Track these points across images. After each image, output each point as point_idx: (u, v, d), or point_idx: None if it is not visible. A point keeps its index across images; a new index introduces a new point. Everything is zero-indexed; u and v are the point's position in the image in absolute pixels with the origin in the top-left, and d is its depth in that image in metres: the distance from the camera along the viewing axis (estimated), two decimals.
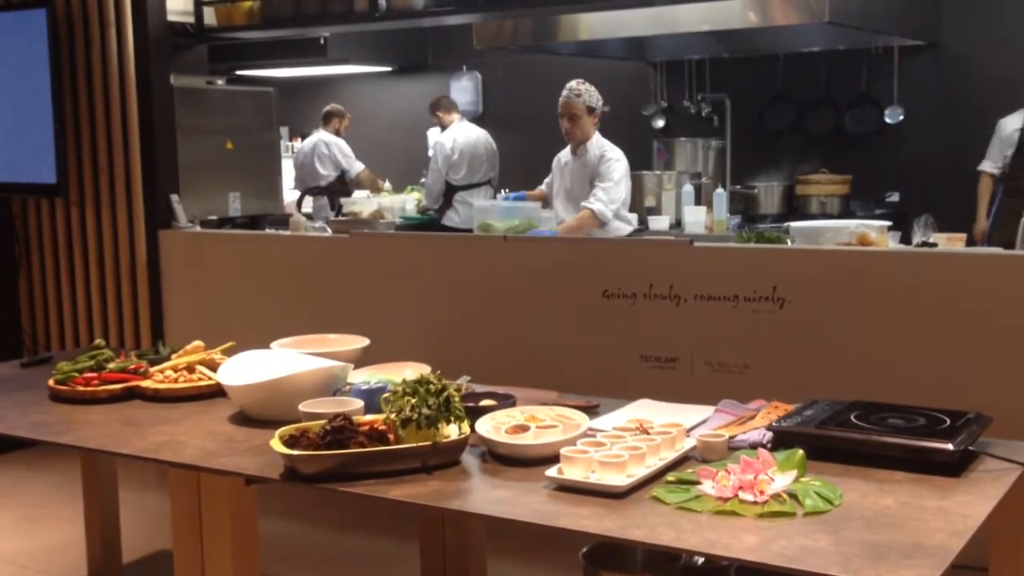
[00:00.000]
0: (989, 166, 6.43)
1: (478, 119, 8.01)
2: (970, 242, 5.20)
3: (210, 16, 5.40)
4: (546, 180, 5.72)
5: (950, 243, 4.32)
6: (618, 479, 2.15)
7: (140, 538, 4.06)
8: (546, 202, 5.57)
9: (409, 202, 7.98)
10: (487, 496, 2.23)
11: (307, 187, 8.04)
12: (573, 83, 5.36)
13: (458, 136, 7.50)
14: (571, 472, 2.20)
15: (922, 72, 6.89)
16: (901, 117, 6.97)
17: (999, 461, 2.27)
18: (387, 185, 8.41)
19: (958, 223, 5.17)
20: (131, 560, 3.91)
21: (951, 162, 6.63)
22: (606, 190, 5.23)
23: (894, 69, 6.92)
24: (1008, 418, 2.62)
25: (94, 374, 3.10)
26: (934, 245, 4.16)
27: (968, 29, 6.65)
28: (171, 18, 5.21)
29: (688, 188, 6.67)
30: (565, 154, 5.54)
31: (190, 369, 3.14)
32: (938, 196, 6.32)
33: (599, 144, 5.38)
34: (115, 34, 5.14)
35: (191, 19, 5.38)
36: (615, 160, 5.32)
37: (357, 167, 8.14)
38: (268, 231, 5.40)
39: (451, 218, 7.45)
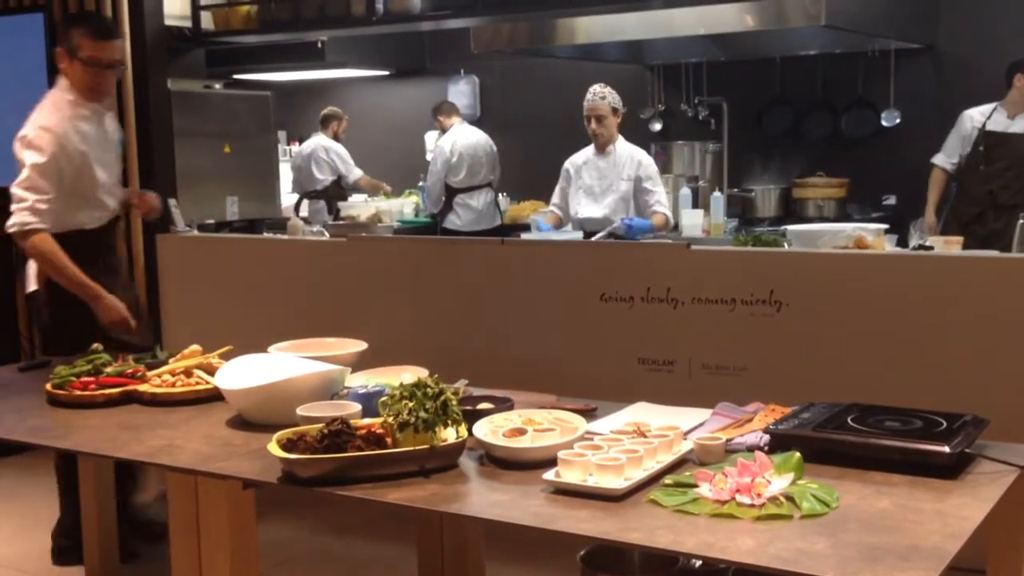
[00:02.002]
0: (942, 160, 6.17)
1: (476, 123, 8.03)
2: None
3: (207, 20, 5.40)
4: (557, 191, 5.69)
5: (947, 246, 4.33)
6: (615, 482, 2.15)
7: (138, 542, 4.05)
8: (561, 222, 5.62)
9: (407, 206, 8.00)
10: (485, 499, 2.23)
11: (304, 191, 8.06)
12: (596, 87, 5.45)
13: (458, 139, 7.52)
14: (568, 475, 2.20)
15: (919, 75, 6.90)
16: (898, 120, 6.98)
17: (996, 463, 2.28)
18: (388, 188, 8.42)
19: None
20: (129, 564, 3.91)
21: None
22: (663, 195, 5.50)
23: (891, 72, 6.94)
24: (1004, 420, 2.62)
25: (92, 378, 3.10)
26: (931, 248, 4.17)
27: (965, 32, 6.67)
28: (168, 22, 5.21)
29: (685, 191, 6.69)
30: (582, 155, 5.60)
31: (188, 373, 3.14)
32: None
33: (626, 145, 5.52)
34: None
35: (188, 23, 5.37)
36: (652, 163, 5.52)
37: (356, 173, 8.15)
38: (266, 235, 5.40)
39: (452, 221, 7.46)
